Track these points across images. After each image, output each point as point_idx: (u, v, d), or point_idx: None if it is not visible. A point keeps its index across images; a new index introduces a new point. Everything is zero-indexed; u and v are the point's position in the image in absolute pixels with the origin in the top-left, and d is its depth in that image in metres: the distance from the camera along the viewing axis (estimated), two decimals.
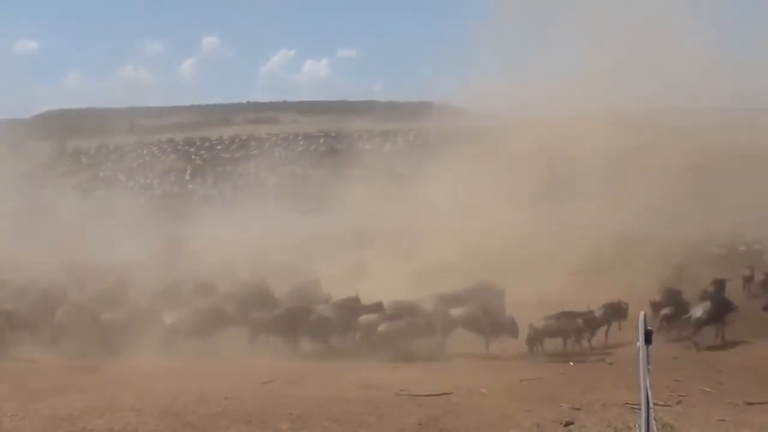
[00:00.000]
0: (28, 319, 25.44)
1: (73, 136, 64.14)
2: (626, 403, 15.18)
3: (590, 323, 24.90)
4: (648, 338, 7.17)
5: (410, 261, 32.24)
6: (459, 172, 40.93)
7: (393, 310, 24.98)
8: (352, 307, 25.59)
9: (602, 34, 45.09)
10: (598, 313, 25.09)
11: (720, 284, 27.16)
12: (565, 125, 40.20)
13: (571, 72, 46.19)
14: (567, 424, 14.64)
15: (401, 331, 23.84)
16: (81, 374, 20.62)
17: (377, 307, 25.22)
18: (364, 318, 24.71)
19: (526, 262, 30.96)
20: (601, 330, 25.11)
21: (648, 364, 7.17)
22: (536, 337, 24.05)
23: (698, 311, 24.14)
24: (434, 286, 27.05)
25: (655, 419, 7.59)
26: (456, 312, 24.79)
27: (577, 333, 24.67)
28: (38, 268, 33.87)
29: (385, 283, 28.24)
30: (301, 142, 74.97)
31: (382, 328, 23.89)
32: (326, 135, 77.40)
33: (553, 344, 24.37)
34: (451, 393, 17.58)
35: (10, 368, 21.78)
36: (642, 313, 7.32)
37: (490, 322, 24.39)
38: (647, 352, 7.13)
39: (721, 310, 24.46)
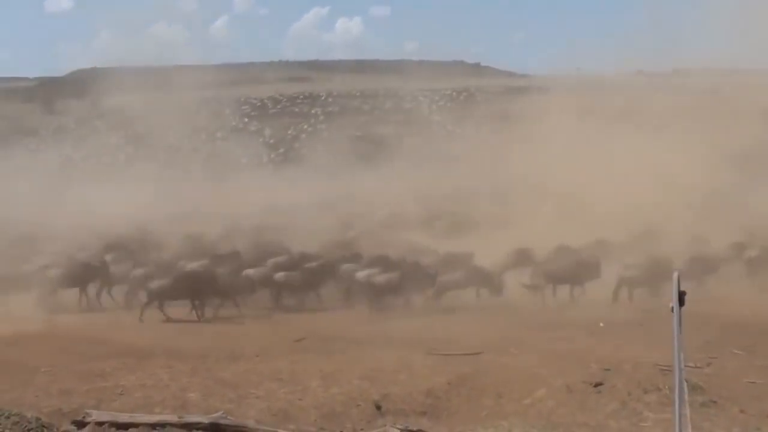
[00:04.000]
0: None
1: (109, 94, 64.41)
2: (656, 365, 15.08)
3: None
4: (681, 299, 7.06)
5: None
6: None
7: None
8: None
9: None
10: None
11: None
12: None
13: None
14: (597, 385, 14.59)
15: None
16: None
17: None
18: None
19: None
20: None
21: (680, 325, 7.09)
22: None
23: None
24: None
25: (685, 380, 7.50)
26: None
27: None
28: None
29: None
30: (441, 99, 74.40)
31: None
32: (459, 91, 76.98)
33: None
34: (480, 352, 17.62)
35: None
36: (675, 273, 7.20)
37: None
38: (680, 313, 7.04)
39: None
